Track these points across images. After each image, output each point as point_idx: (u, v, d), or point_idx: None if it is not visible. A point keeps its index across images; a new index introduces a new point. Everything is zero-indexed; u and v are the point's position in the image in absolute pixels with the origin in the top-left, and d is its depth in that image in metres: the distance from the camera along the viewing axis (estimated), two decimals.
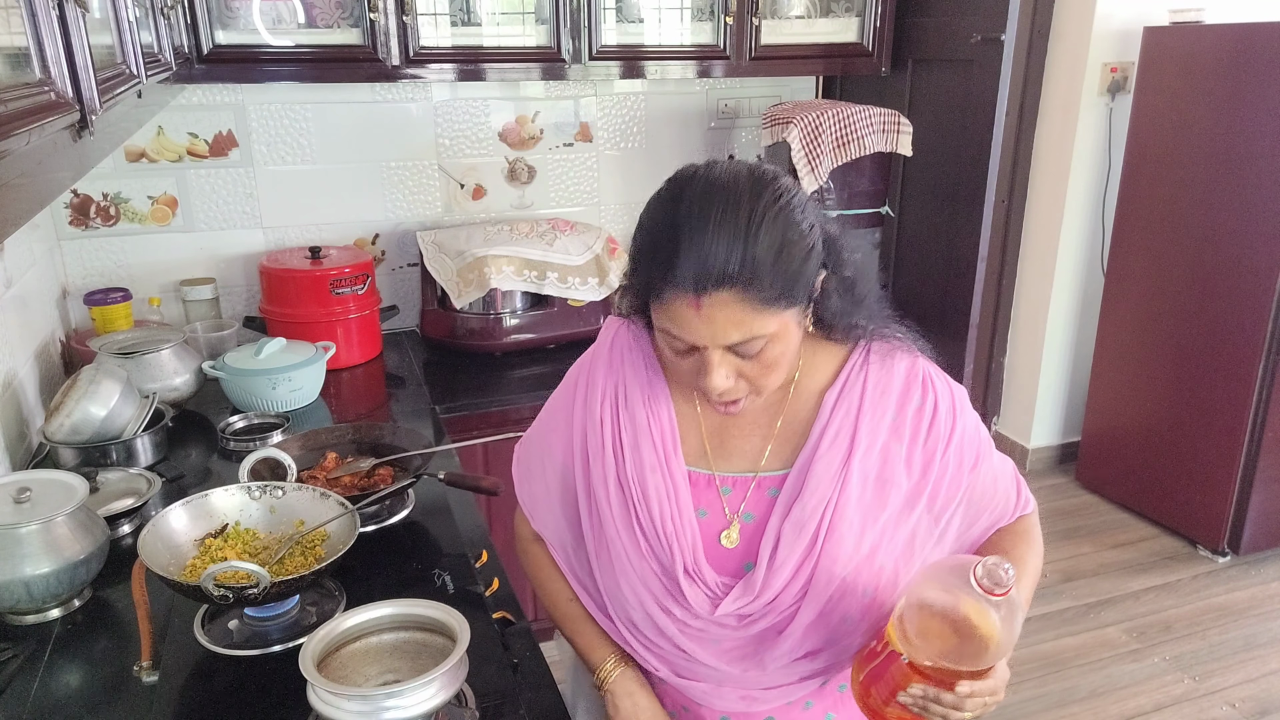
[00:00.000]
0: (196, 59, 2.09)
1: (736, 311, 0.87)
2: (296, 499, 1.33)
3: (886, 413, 1.01)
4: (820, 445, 1.00)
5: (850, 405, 1.01)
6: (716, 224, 0.87)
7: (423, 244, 2.45)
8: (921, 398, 1.02)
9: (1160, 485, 3.17)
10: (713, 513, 1.03)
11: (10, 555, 1.21)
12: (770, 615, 1.00)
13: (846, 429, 1.00)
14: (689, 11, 2.49)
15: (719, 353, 0.91)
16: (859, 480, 0.99)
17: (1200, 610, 2.78)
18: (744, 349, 0.91)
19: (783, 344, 0.93)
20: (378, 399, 2.22)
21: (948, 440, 1.01)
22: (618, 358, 1.09)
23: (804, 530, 0.98)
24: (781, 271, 0.88)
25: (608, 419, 1.07)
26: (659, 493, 1.02)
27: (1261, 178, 2.70)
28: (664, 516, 1.02)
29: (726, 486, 1.04)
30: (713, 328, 0.88)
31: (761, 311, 0.88)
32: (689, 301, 0.88)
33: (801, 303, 0.93)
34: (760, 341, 0.90)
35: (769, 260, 0.87)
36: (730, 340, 0.89)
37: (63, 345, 2.17)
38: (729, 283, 0.86)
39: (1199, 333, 2.94)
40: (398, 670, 1.04)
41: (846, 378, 1.02)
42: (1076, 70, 3.15)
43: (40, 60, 0.80)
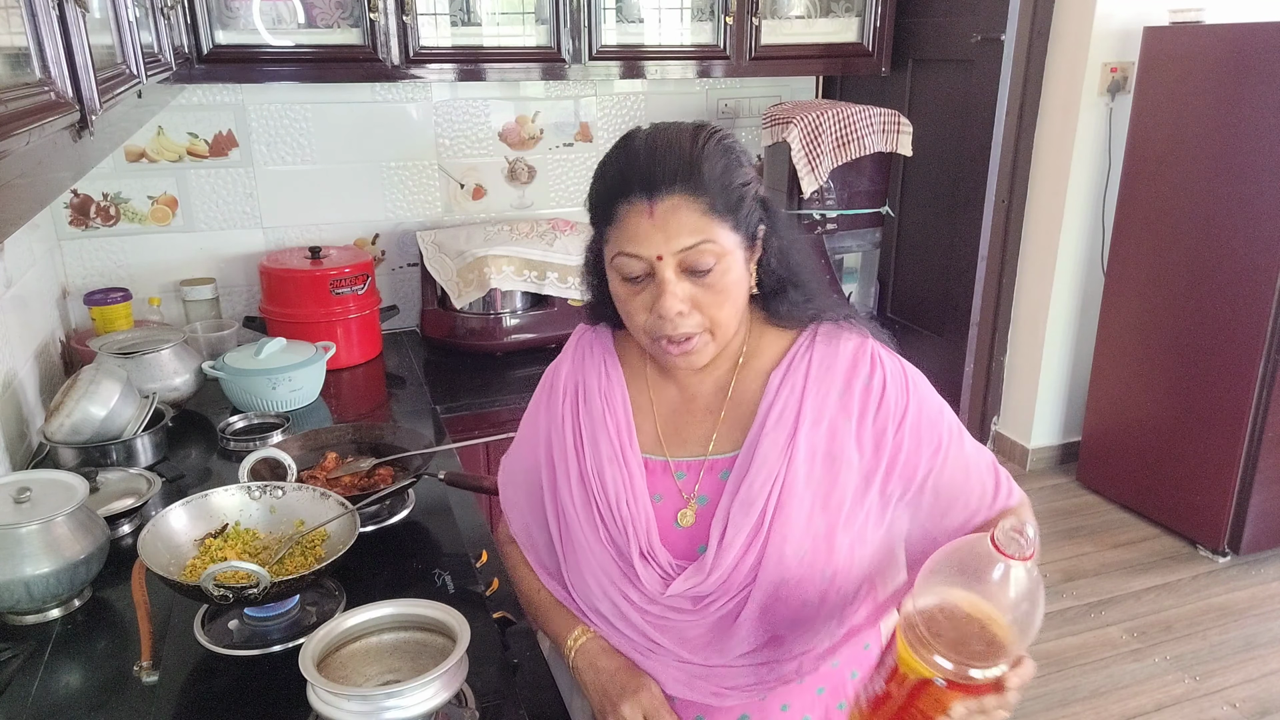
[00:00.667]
0: (196, 59, 2.09)
1: (688, 214, 0.93)
2: (296, 499, 1.33)
3: (833, 388, 1.01)
4: (766, 423, 1.01)
5: (795, 383, 1.02)
6: (665, 147, 0.95)
7: (423, 244, 2.45)
8: (870, 373, 1.01)
9: (1160, 485, 3.17)
10: (668, 497, 1.06)
11: (10, 555, 1.21)
12: (723, 597, 1.00)
13: (792, 406, 1.01)
14: (689, 11, 2.49)
15: (673, 269, 0.95)
16: (806, 457, 0.99)
17: (1201, 610, 2.78)
18: (696, 261, 0.94)
19: (733, 272, 0.96)
20: (378, 399, 2.22)
21: (900, 417, 1.00)
22: (579, 357, 1.15)
23: (751, 508, 0.99)
24: (726, 188, 0.95)
25: (568, 416, 1.12)
26: (615, 481, 1.05)
27: (1261, 178, 2.70)
28: (619, 502, 1.05)
29: (681, 471, 1.06)
30: (666, 232, 0.93)
31: (711, 218, 0.94)
32: (643, 209, 0.94)
33: (745, 234, 0.97)
34: (711, 253, 0.94)
35: (715, 174, 0.94)
36: (683, 243, 0.93)
37: (63, 345, 2.17)
38: (680, 185, 0.93)
39: (1199, 332, 2.94)
40: (398, 670, 1.04)
41: (792, 358, 1.04)
42: (1076, 70, 3.15)
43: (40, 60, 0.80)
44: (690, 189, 0.93)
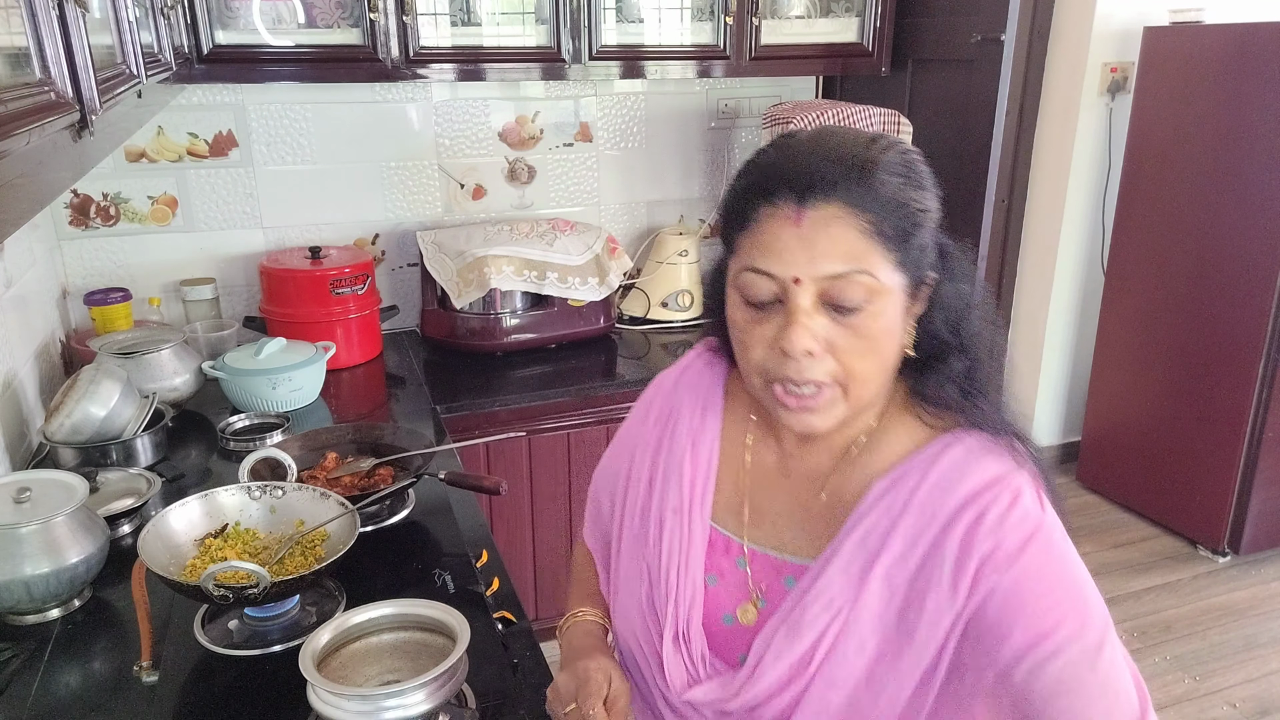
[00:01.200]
0: (196, 59, 2.09)
1: (845, 232, 0.73)
2: (296, 499, 1.33)
3: (938, 517, 0.78)
4: (848, 541, 0.81)
5: (898, 498, 0.80)
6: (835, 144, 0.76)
7: (423, 244, 2.45)
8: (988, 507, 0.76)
9: (1160, 485, 3.17)
10: (725, 583, 0.88)
11: (10, 555, 1.21)
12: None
13: (882, 526, 0.80)
14: (689, 11, 2.49)
15: (811, 297, 0.75)
16: (882, 593, 0.79)
17: (1201, 610, 2.77)
18: (843, 294, 0.74)
19: (886, 318, 0.76)
20: (378, 399, 2.22)
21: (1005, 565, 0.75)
22: (685, 381, 0.98)
23: (799, 638, 0.80)
24: (901, 210, 0.75)
25: (653, 442, 0.96)
26: (671, 541, 0.89)
27: (1261, 178, 2.70)
28: (669, 568, 0.89)
29: (743, 558, 0.88)
30: (812, 250, 0.73)
31: (874, 244, 0.73)
32: (788, 215, 0.74)
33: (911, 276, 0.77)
34: (865, 287, 0.74)
35: (890, 190, 0.74)
36: (832, 268, 0.73)
37: (63, 345, 2.17)
38: (842, 194, 0.73)
39: (1199, 332, 2.94)
40: (398, 670, 1.04)
41: (909, 466, 0.81)
42: (1076, 70, 3.15)
43: (40, 60, 0.80)
44: (855, 201, 0.73)
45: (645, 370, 2.41)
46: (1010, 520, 0.76)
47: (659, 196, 2.88)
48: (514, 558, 2.36)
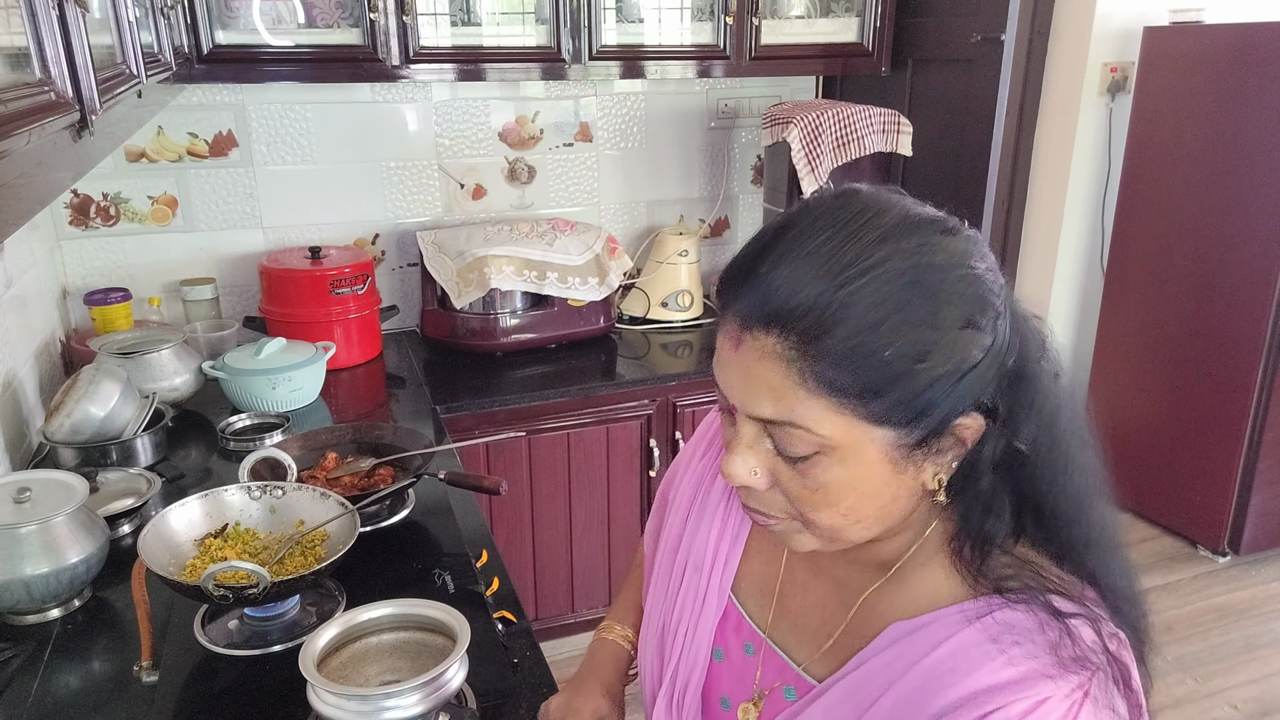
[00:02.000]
0: (196, 59, 2.09)
1: (775, 372, 0.60)
2: (296, 499, 1.33)
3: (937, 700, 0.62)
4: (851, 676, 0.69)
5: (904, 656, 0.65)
6: (811, 251, 0.61)
7: (423, 244, 2.45)
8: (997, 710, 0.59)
9: (1160, 485, 3.17)
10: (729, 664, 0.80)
11: (10, 555, 1.21)
12: None
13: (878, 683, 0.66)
14: (689, 11, 2.49)
15: (750, 425, 0.64)
16: None
17: (1201, 611, 2.77)
18: (780, 440, 0.63)
19: (847, 469, 0.62)
20: (378, 399, 2.22)
21: None
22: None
23: None
24: (870, 358, 0.59)
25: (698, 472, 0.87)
26: (685, 598, 0.81)
27: (1261, 178, 2.70)
28: (680, 623, 0.81)
29: (751, 645, 0.78)
30: (745, 382, 0.63)
31: (812, 393, 0.60)
32: (731, 334, 0.63)
33: (904, 430, 0.61)
34: (803, 440, 0.61)
35: (856, 328, 0.58)
36: (757, 410, 0.62)
37: (63, 345, 2.17)
38: (780, 325, 0.60)
39: (1199, 333, 2.94)
40: (398, 670, 1.04)
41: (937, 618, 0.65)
42: (1076, 70, 3.15)
43: (40, 60, 0.80)
44: (797, 342, 0.59)
45: (645, 370, 2.41)
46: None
47: (659, 196, 2.88)
48: (514, 558, 2.36)
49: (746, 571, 0.81)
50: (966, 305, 0.60)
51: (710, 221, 2.99)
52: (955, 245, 0.62)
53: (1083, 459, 0.65)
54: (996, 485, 0.65)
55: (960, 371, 0.60)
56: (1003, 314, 0.63)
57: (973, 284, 0.61)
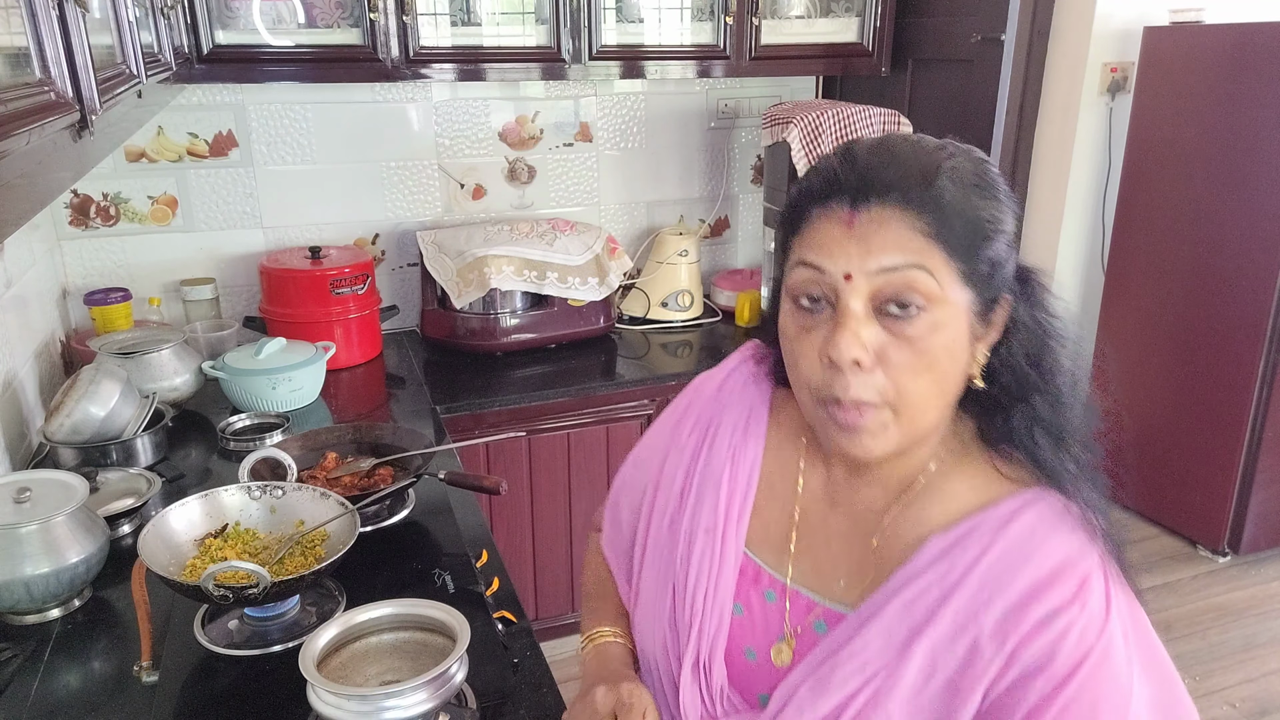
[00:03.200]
0: (196, 59, 2.09)
1: (900, 230, 0.68)
2: (296, 499, 1.33)
3: (1000, 598, 0.70)
4: (894, 600, 0.74)
5: (956, 564, 0.72)
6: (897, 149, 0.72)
7: (423, 244, 2.45)
8: (1059, 606, 0.69)
9: (1160, 485, 3.17)
10: (751, 615, 0.83)
11: (10, 555, 1.21)
12: None
13: (933, 594, 0.72)
14: (689, 11, 2.49)
15: (864, 299, 0.69)
16: (922, 669, 0.72)
17: (1200, 610, 2.78)
18: (899, 291, 0.68)
19: (947, 333, 0.70)
20: (378, 399, 2.22)
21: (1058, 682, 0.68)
22: (729, 388, 0.91)
23: (824, 697, 0.74)
24: (966, 217, 0.69)
25: (689, 450, 0.90)
26: (701, 562, 0.84)
27: (1261, 178, 2.70)
28: (696, 589, 0.83)
29: (772, 592, 0.82)
30: (866, 244, 0.68)
31: (935, 247, 0.68)
32: (841, 216, 0.70)
33: (979, 294, 0.71)
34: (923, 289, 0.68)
35: (955, 195, 0.69)
36: (887, 261, 0.68)
37: (63, 345, 2.17)
38: (898, 196, 0.69)
39: (1199, 332, 2.94)
40: (398, 670, 1.04)
41: (973, 528, 0.73)
42: (1076, 70, 3.15)
43: (40, 60, 0.80)
44: (913, 203, 0.69)
45: (645, 370, 2.41)
46: (1074, 632, 0.69)
47: (659, 196, 2.88)
48: (514, 558, 2.36)
49: (757, 527, 0.85)
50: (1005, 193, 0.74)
51: (710, 221, 2.99)
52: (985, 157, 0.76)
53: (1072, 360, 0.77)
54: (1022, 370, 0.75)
55: (1011, 243, 0.73)
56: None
57: (1004, 182, 0.75)
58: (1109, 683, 0.70)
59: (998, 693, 0.70)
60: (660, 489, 0.91)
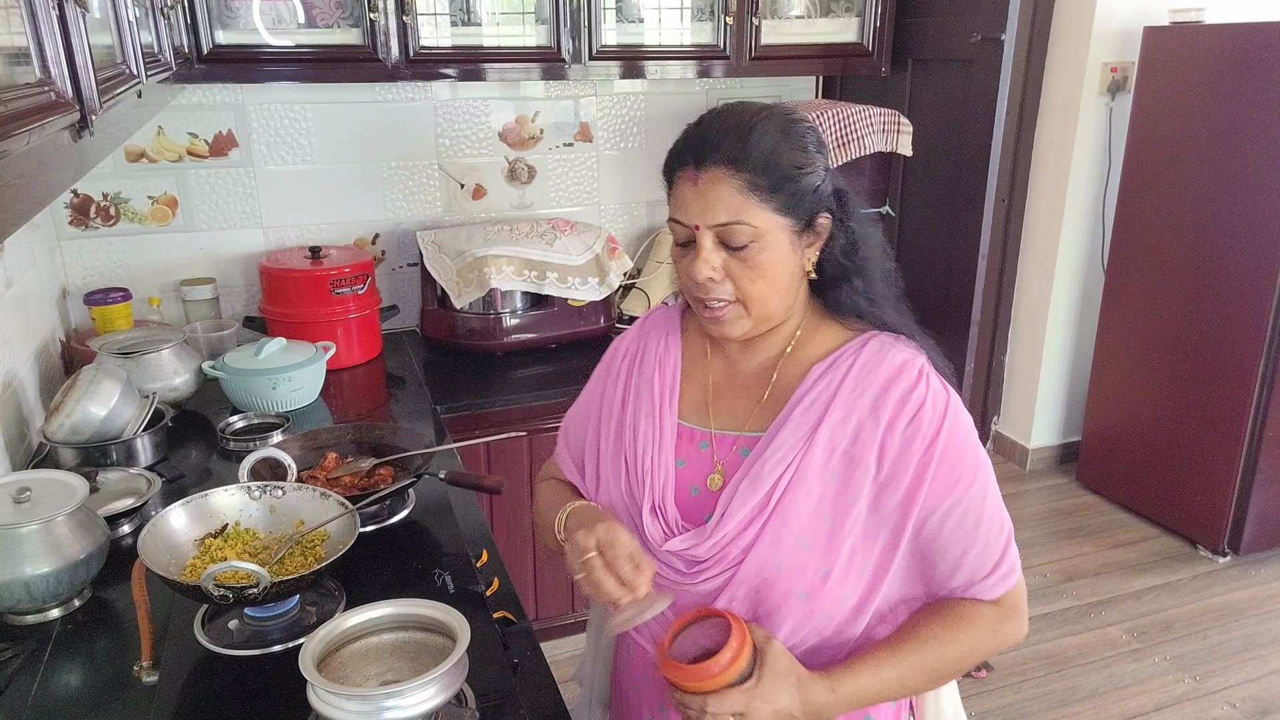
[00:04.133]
0: (196, 59, 2.09)
1: (727, 191, 0.96)
2: (296, 499, 1.33)
3: (868, 390, 1.00)
4: (794, 411, 1.02)
5: (834, 377, 1.02)
6: (724, 118, 1.00)
7: (423, 244, 2.45)
8: (910, 387, 0.99)
9: (1160, 485, 3.17)
10: (690, 464, 1.09)
11: (10, 555, 1.21)
12: (716, 568, 1.01)
13: (823, 398, 1.01)
14: (689, 11, 2.49)
15: (710, 237, 0.98)
16: (825, 449, 1.00)
17: (1201, 610, 2.78)
18: (731, 237, 0.97)
19: (771, 252, 0.98)
20: (378, 399, 2.22)
21: (930, 440, 0.98)
22: (646, 327, 1.20)
23: (759, 486, 1.00)
24: (775, 168, 0.96)
25: (623, 373, 1.17)
26: (645, 437, 1.10)
27: (1261, 177, 2.70)
28: (645, 456, 1.09)
29: (705, 442, 1.09)
30: (704, 203, 0.97)
31: (750, 198, 0.96)
32: (689, 177, 0.98)
33: (795, 219, 0.99)
34: (746, 231, 0.97)
35: (763, 152, 0.96)
36: (718, 218, 0.97)
37: (63, 345, 2.17)
38: (724, 160, 0.96)
39: (1199, 332, 2.94)
40: (398, 670, 1.04)
41: (839, 355, 1.04)
42: (1076, 70, 3.15)
43: (40, 60, 0.80)
44: (733, 164, 0.96)
45: None
46: (928, 401, 0.99)
47: (659, 196, 2.86)
48: (514, 558, 2.36)
49: (685, 403, 1.12)
50: (813, 139, 1.01)
51: None
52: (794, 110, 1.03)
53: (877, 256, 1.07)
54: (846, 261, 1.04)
55: (817, 181, 1.00)
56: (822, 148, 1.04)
57: (813, 130, 1.02)
58: (962, 431, 1.00)
59: (889, 460, 0.98)
60: (604, 404, 1.17)
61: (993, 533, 1.01)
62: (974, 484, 1.00)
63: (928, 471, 0.97)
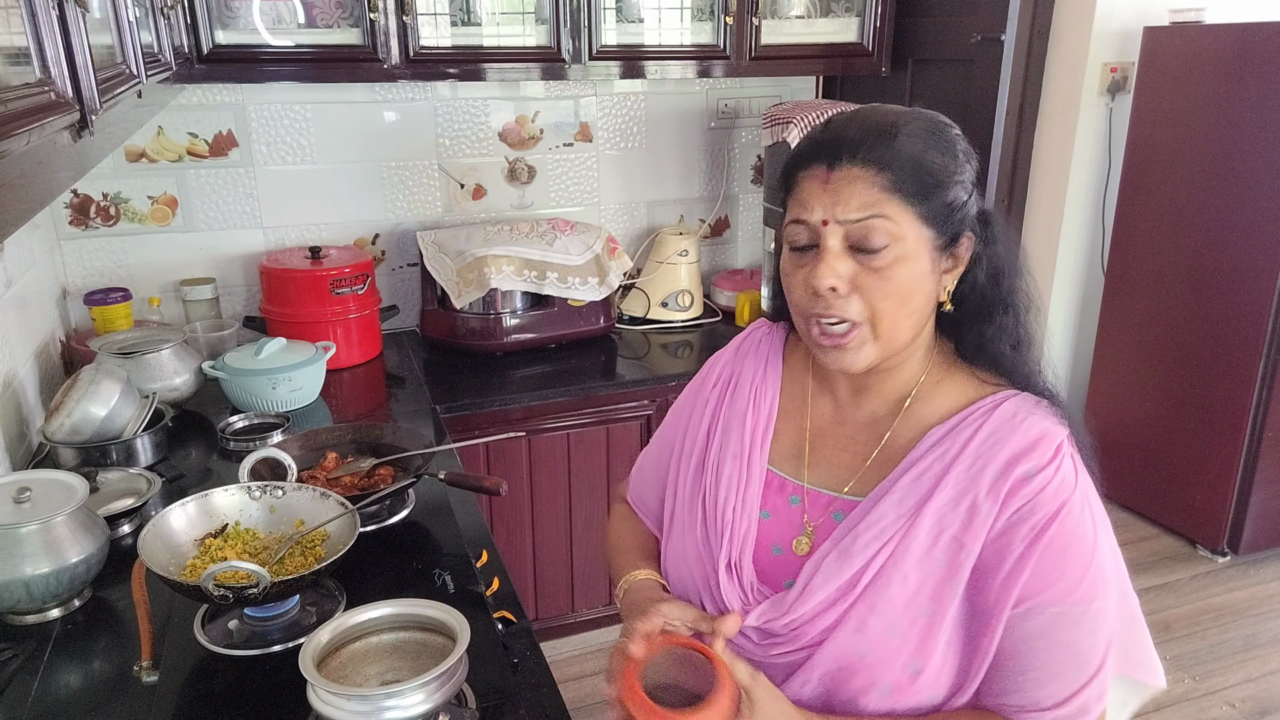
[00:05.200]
0: (196, 59, 2.09)
1: (865, 187, 0.84)
2: (296, 499, 1.33)
3: (992, 465, 0.86)
4: (901, 479, 0.89)
5: (954, 445, 0.88)
6: (863, 117, 0.88)
7: (423, 244, 2.45)
8: (1040, 466, 0.85)
9: (1160, 485, 3.17)
10: (777, 519, 0.97)
11: (10, 555, 1.21)
12: (792, 645, 0.91)
13: (936, 469, 0.88)
14: (689, 11, 2.49)
15: (838, 237, 0.85)
16: (930, 530, 0.86)
17: (1200, 610, 2.78)
18: (866, 237, 0.84)
19: (910, 263, 0.85)
20: (378, 399, 2.22)
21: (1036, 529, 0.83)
22: (744, 349, 1.08)
23: (848, 563, 0.88)
24: (921, 169, 0.85)
25: (713, 401, 1.06)
26: (730, 482, 0.98)
27: (1261, 178, 2.70)
28: (726, 505, 0.97)
29: (796, 496, 0.97)
30: (836, 198, 0.85)
31: (891, 196, 0.84)
32: (819, 175, 0.87)
33: (939, 232, 0.86)
34: (885, 230, 0.84)
35: (911, 153, 0.85)
36: (851, 213, 0.84)
37: (63, 345, 2.17)
38: (864, 158, 0.84)
39: (1199, 332, 2.94)
40: (398, 670, 1.04)
41: (965, 417, 0.89)
42: (1076, 70, 3.15)
43: (40, 60, 0.80)
44: (875, 162, 0.84)
45: (645, 370, 2.41)
46: (1050, 487, 0.84)
47: (659, 196, 2.88)
48: (514, 558, 2.36)
49: (779, 448, 1.00)
50: (963, 149, 0.89)
51: (710, 221, 2.99)
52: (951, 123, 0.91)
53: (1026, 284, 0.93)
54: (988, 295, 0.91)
55: (966, 194, 0.87)
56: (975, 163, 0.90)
57: (962, 140, 0.90)
58: (1076, 532, 0.86)
59: (991, 539, 0.85)
60: (687, 437, 1.06)
61: (1074, 663, 0.86)
62: (1074, 597, 0.85)
63: (1028, 563, 0.84)
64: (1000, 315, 0.91)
